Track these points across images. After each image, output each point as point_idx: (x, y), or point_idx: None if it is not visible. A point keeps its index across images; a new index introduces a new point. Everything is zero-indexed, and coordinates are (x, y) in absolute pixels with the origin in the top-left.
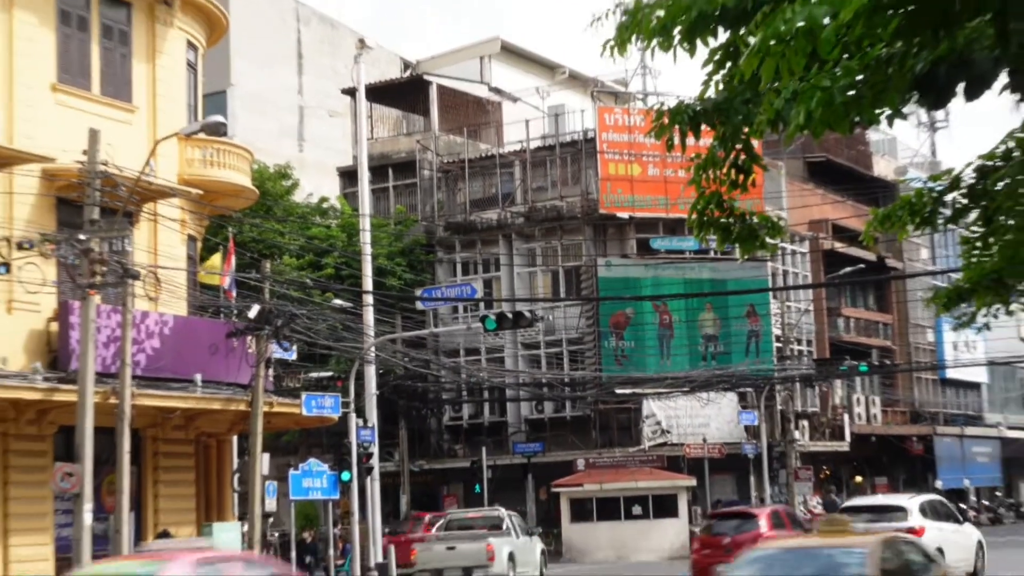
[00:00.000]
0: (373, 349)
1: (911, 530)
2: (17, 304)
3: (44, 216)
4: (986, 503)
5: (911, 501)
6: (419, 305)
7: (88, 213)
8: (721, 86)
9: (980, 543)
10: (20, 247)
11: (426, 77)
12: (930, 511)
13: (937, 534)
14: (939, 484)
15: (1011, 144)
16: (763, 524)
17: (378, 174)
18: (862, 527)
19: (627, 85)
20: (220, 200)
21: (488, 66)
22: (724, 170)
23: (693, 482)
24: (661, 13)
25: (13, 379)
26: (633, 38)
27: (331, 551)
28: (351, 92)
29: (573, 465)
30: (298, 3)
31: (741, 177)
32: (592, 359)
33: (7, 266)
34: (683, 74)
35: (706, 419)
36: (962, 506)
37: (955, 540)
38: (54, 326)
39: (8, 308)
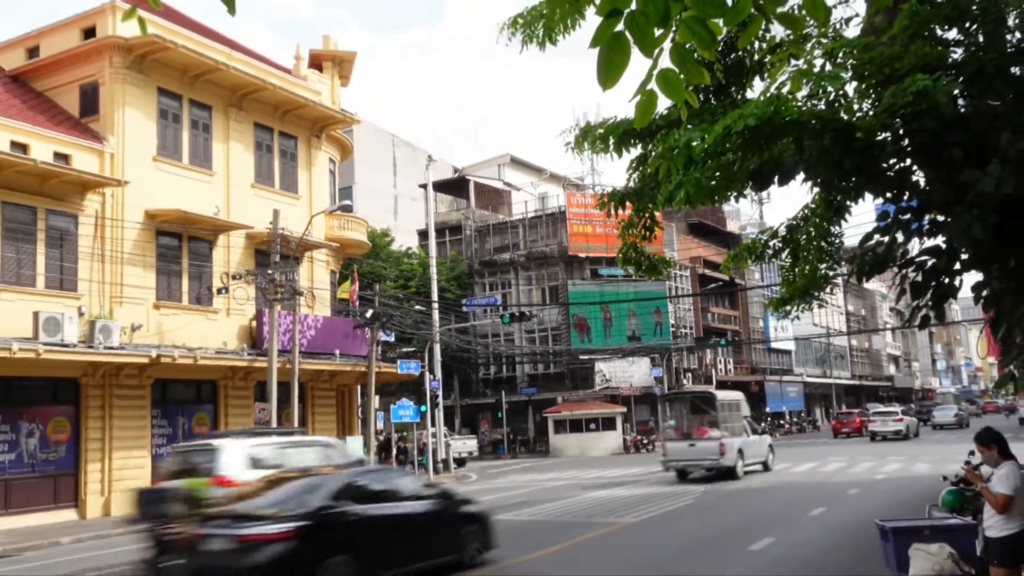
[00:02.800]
0: (438, 334)
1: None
2: (233, 311)
3: (247, 260)
4: (795, 420)
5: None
6: (464, 309)
7: (273, 258)
8: (636, 180)
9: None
10: (234, 278)
11: (467, 177)
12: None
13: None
14: (768, 409)
15: (807, 211)
16: None
17: (440, 233)
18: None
19: (583, 179)
20: (349, 249)
21: (502, 170)
22: (638, 229)
23: (624, 410)
24: (601, 130)
25: (231, 354)
26: (584, 145)
27: (415, 450)
28: (424, 186)
29: (556, 400)
30: (392, 135)
31: (648, 233)
32: (565, 339)
33: (227, 289)
34: (615, 173)
35: (632, 373)
36: (779, 422)
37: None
38: (254, 323)
39: (227, 313)
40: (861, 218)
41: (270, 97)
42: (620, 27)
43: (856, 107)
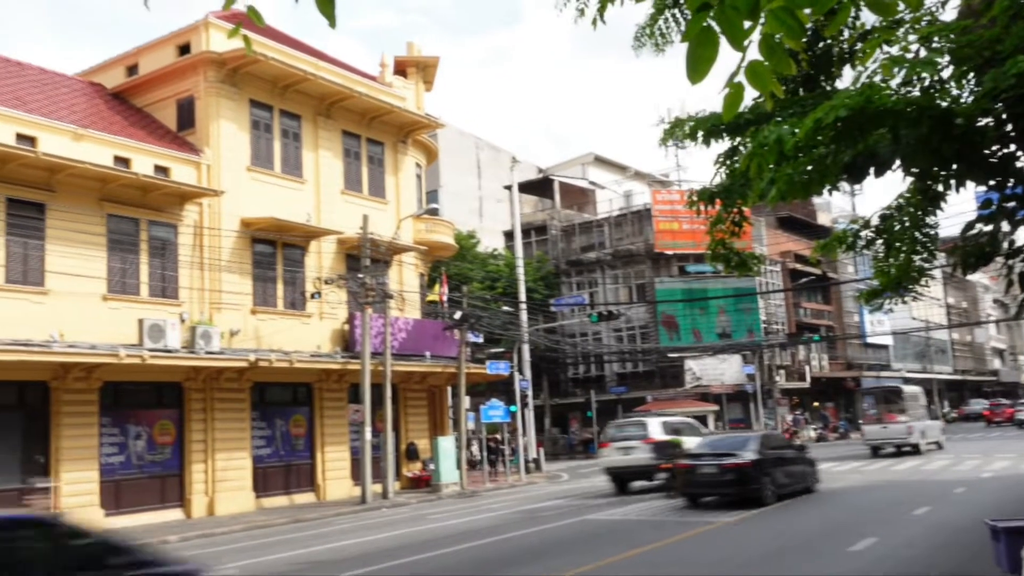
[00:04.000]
0: (526, 334)
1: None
2: (326, 315)
3: (339, 265)
4: None
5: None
6: (552, 308)
7: (363, 262)
8: (724, 176)
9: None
10: (326, 283)
11: (551, 177)
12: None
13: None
14: (866, 406)
15: (901, 200)
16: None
17: (525, 234)
18: None
19: (668, 176)
20: (436, 252)
21: (586, 169)
22: (727, 225)
23: (716, 408)
24: (691, 124)
25: (325, 357)
26: (674, 137)
27: (506, 450)
28: (509, 187)
29: (645, 399)
30: (476, 138)
31: (737, 229)
32: (653, 337)
33: (320, 293)
34: (700, 168)
35: (723, 370)
36: None
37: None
38: (346, 327)
39: (320, 317)
40: (958, 207)
41: (357, 105)
42: (709, 21)
43: (954, 93)
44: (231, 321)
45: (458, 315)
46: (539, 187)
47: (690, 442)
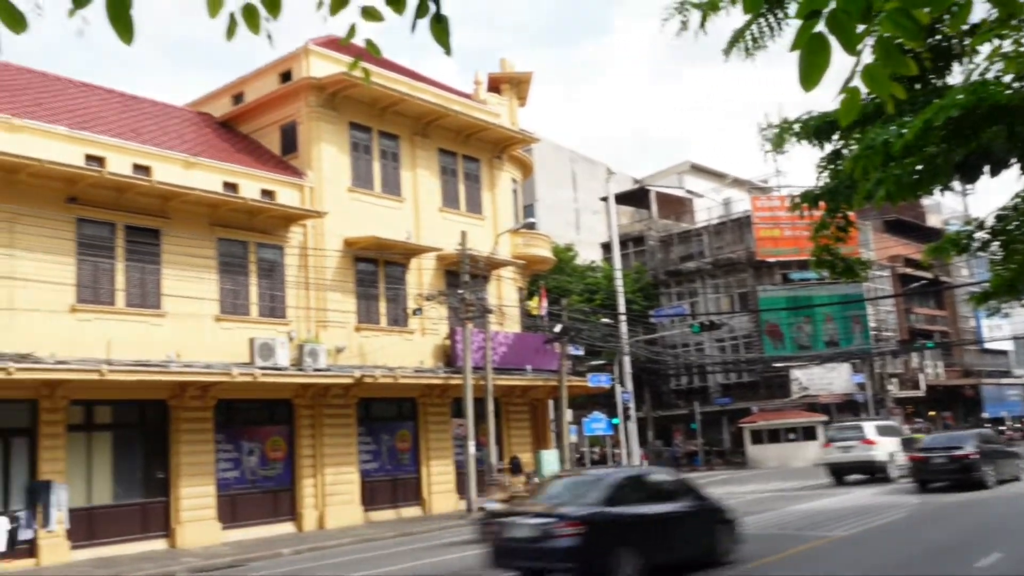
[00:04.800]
0: (627, 346)
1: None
2: (428, 330)
3: (438, 281)
4: (1017, 425)
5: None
6: (652, 320)
7: (463, 278)
8: (828, 178)
9: None
10: (427, 299)
11: (647, 187)
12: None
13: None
14: (985, 415)
15: (1018, 200)
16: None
17: (623, 245)
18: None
19: (768, 182)
20: (534, 266)
21: (683, 178)
22: (831, 231)
23: (825, 418)
24: (798, 127)
25: (428, 373)
26: (783, 142)
27: (610, 463)
28: (605, 199)
29: (750, 410)
30: (570, 151)
31: (843, 234)
32: (757, 347)
33: (421, 310)
34: (800, 174)
35: (831, 380)
36: (1001, 428)
37: None
38: (447, 342)
39: (423, 332)
40: None
41: (452, 123)
42: (820, 27)
43: None
44: (337, 338)
45: (558, 328)
46: (635, 198)
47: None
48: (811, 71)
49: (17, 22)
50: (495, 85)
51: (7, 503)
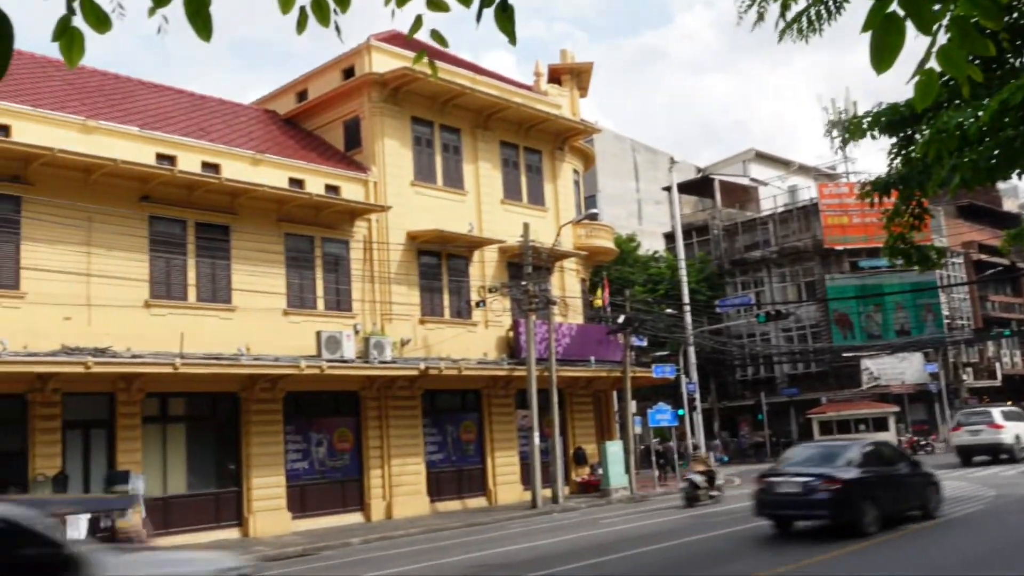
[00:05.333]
0: (691, 337)
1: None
2: (491, 322)
3: (501, 273)
4: None
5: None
6: (717, 310)
7: (525, 270)
8: (900, 165)
9: None
10: (490, 292)
11: (711, 176)
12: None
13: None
14: None
15: None
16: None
17: (686, 235)
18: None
19: (835, 168)
20: (597, 257)
21: (747, 166)
22: (905, 219)
23: (897, 409)
24: (868, 120)
25: (491, 364)
26: (851, 138)
27: (675, 455)
28: (667, 189)
29: (819, 401)
30: (632, 140)
31: (917, 222)
32: (825, 337)
33: (484, 302)
34: (868, 159)
35: (902, 370)
36: None
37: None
38: (511, 334)
39: (486, 324)
40: None
41: (513, 115)
42: (894, 7)
43: None
44: (401, 331)
45: (621, 319)
46: (698, 187)
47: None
48: (884, 52)
49: (101, 22)
50: (556, 76)
51: (88, 492)
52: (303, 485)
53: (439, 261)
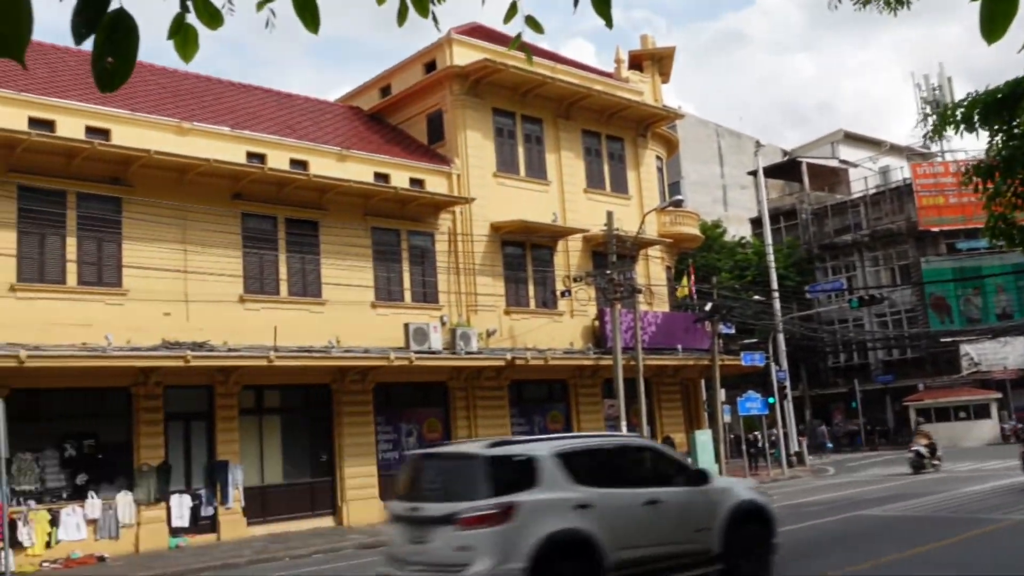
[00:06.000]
0: (780, 324)
1: None
2: (576, 312)
3: (585, 263)
4: None
5: None
6: (807, 296)
7: (610, 258)
8: (1000, 144)
9: None
10: (575, 281)
11: (798, 159)
12: None
13: None
14: None
15: None
16: None
17: (774, 220)
18: None
19: (928, 148)
20: (682, 244)
21: (836, 147)
22: (1007, 198)
23: (999, 395)
24: (963, 109)
25: (577, 354)
26: (946, 130)
27: (765, 444)
28: (753, 173)
29: (915, 388)
30: (716, 125)
31: (1019, 201)
32: (921, 322)
33: (569, 291)
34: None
35: (1005, 354)
36: None
37: None
38: (596, 323)
39: (571, 314)
40: None
41: (595, 103)
42: None
43: None
44: (487, 322)
45: (708, 306)
46: (785, 170)
47: None
48: (995, 21)
49: (213, 18)
50: (637, 63)
51: (190, 482)
52: (394, 474)
53: (523, 251)
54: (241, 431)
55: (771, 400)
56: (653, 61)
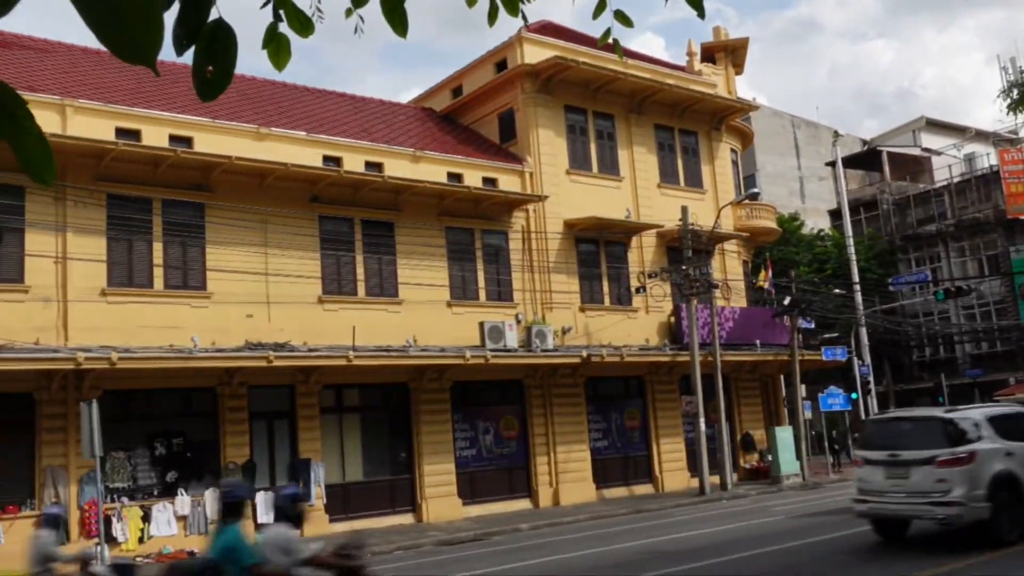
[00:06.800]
0: (863, 317)
1: None
2: (651, 308)
3: (660, 258)
4: None
5: None
6: (890, 288)
7: (685, 253)
8: None
9: None
10: (650, 277)
11: (878, 148)
12: None
13: None
14: None
15: None
16: None
17: (853, 211)
18: None
19: (1016, 133)
20: (759, 238)
21: (918, 135)
22: None
23: None
24: None
25: (653, 351)
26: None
27: (849, 441)
28: (831, 164)
29: (1006, 382)
30: (791, 116)
31: None
32: (1012, 313)
33: (644, 288)
34: None
35: None
36: None
37: None
38: (672, 319)
39: (646, 311)
40: None
41: (667, 97)
42: None
43: None
44: (562, 319)
45: (787, 301)
46: (864, 160)
47: None
48: None
49: (304, 27)
50: (709, 55)
51: (274, 479)
52: (472, 472)
53: (597, 248)
54: (322, 429)
55: (854, 396)
56: (726, 53)
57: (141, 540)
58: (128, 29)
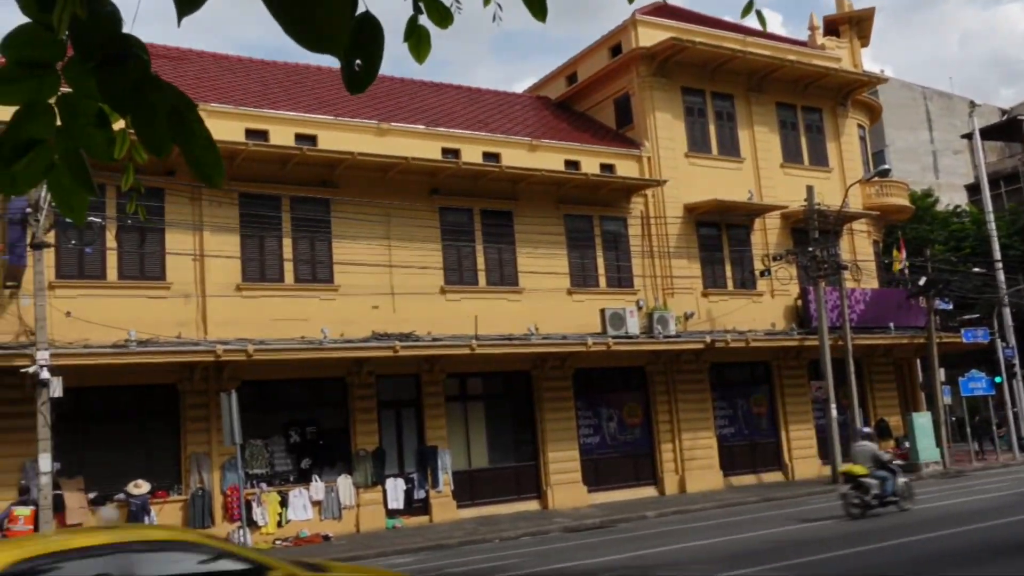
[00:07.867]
0: (1006, 297)
1: None
2: (777, 291)
3: (785, 240)
4: None
5: None
6: None
7: (811, 235)
8: None
9: None
10: (775, 260)
11: (1019, 117)
12: None
13: None
14: None
15: None
16: None
17: (993, 185)
18: None
19: None
20: (890, 216)
21: None
22: None
23: None
24: None
25: (780, 335)
26: None
27: (993, 427)
28: (968, 136)
29: None
30: (922, 87)
31: None
32: None
33: (769, 271)
34: None
35: None
36: None
37: None
38: (799, 302)
39: (771, 294)
40: None
41: (788, 74)
42: None
43: None
44: (684, 304)
45: (922, 281)
46: (1004, 131)
47: None
48: None
49: (443, 18)
50: (832, 27)
51: (402, 466)
52: (596, 459)
53: (719, 232)
54: (447, 417)
55: (998, 379)
56: (851, 24)
57: (279, 524)
58: (318, 23)
